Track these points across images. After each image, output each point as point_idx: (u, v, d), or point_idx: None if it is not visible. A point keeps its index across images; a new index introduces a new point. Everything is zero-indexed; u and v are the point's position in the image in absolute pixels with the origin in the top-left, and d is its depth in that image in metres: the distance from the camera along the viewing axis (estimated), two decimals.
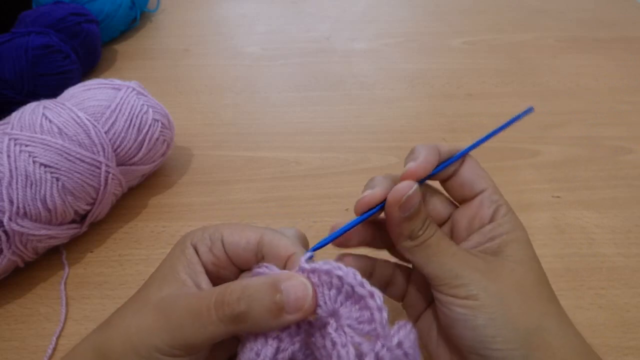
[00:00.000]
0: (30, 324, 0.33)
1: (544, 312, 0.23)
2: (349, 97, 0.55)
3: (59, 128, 0.35)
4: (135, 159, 0.39)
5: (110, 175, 0.37)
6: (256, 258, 0.25)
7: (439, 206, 0.29)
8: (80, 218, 0.37)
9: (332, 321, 0.21)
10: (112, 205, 0.40)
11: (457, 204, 0.29)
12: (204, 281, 0.24)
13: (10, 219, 0.31)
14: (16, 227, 0.32)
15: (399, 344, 0.20)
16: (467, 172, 0.28)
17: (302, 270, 0.22)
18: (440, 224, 0.29)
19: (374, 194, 0.25)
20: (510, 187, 0.43)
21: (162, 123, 0.40)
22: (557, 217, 0.40)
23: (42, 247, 0.35)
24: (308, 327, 0.22)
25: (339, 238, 0.26)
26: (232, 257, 0.25)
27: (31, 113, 0.35)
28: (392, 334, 0.20)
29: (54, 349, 0.31)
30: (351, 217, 0.26)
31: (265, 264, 0.24)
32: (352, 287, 0.21)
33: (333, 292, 0.21)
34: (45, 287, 0.35)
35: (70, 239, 0.37)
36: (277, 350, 0.21)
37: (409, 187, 0.24)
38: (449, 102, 0.54)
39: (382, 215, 0.26)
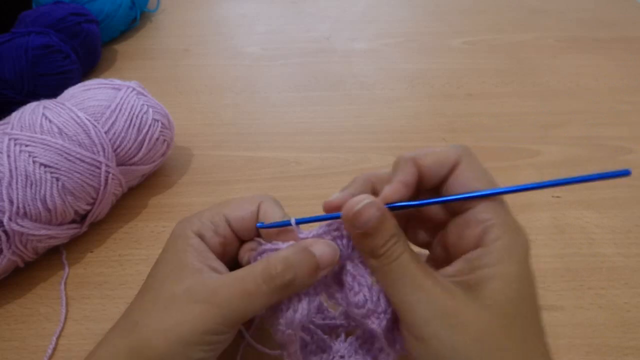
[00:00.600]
0: (30, 324, 0.33)
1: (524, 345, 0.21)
2: (349, 97, 0.55)
3: (59, 128, 0.35)
4: (135, 159, 0.39)
5: (110, 175, 0.37)
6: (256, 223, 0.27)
7: (438, 210, 0.26)
8: (80, 218, 0.37)
9: (348, 262, 0.24)
10: (112, 205, 0.40)
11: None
12: (219, 264, 0.25)
13: (10, 219, 0.31)
14: (16, 227, 0.32)
15: None
16: (459, 179, 0.24)
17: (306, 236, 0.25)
18: (439, 230, 0.26)
19: (337, 198, 0.24)
20: None
21: (162, 123, 0.40)
22: (557, 217, 0.40)
23: (42, 247, 0.35)
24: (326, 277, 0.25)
25: None
26: (239, 232, 0.27)
27: (31, 113, 0.35)
28: None
29: (54, 349, 0.31)
30: None
31: (263, 241, 0.26)
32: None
33: (344, 241, 0.24)
34: (45, 287, 0.35)
35: (70, 239, 0.37)
36: (309, 303, 0.24)
37: (357, 202, 0.22)
38: (449, 102, 0.54)
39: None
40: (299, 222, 0.25)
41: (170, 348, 0.22)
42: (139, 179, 0.42)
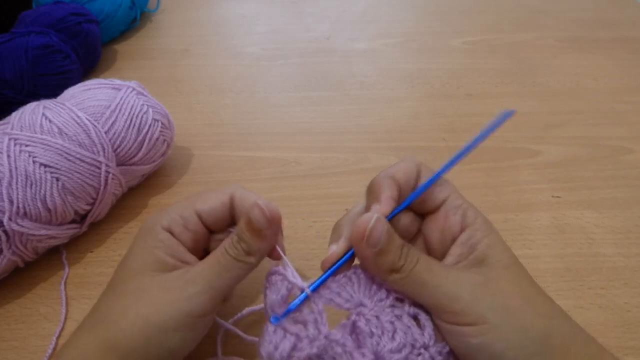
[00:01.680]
0: (30, 324, 0.33)
1: (552, 315, 0.22)
2: (349, 97, 0.55)
3: (59, 128, 0.35)
4: (135, 159, 0.39)
5: (110, 175, 0.37)
6: (230, 215, 0.28)
7: (405, 222, 0.27)
8: (80, 218, 0.37)
9: (362, 311, 0.24)
10: (112, 205, 0.40)
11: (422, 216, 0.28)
12: (190, 257, 0.26)
13: (10, 219, 0.31)
14: (16, 227, 0.32)
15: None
16: (424, 180, 0.27)
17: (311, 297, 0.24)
18: (412, 240, 0.28)
19: (339, 248, 0.25)
20: (510, 187, 0.43)
21: (162, 123, 0.40)
22: (557, 217, 0.40)
23: (42, 247, 0.35)
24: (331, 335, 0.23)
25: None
26: (210, 224, 0.27)
27: (31, 113, 0.35)
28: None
29: (54, 349, 0.31)
30: None
31: (280, 268, 0.25)
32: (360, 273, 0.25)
33: (354, 285, 0.25)
34: (45, 287, 0.35)
35: (70, 239, 0.37)
36: (294, 348, 0.23)
37: (367, 220, 0.23)
38: (449, 102, 0.54)
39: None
40: (314, 288, 0.24)
41: (146, 336, 0.22)
42: (139, 179, 0.42)
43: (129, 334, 0.22)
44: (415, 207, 0.27)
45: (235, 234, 0.25)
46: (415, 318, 0.24)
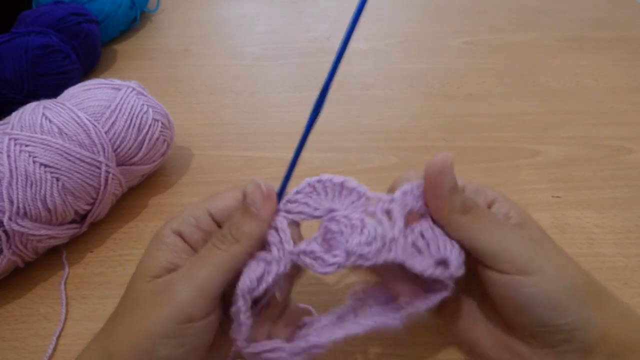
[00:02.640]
0: (30, 324, 0.33)
1: (583, 272, 0.24)
2: (349, 97, 0.55)
3: (59, 128, 0.35)
4: (135, 159, 0.39)
5: (110, 175, 0.37)
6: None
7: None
8: (80, 218, 0.37)
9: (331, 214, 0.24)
10: (112, 205, 0.40)
11: None
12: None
13: (10, 219, 0.31)
14: (16, 227, 0.32)
15: (392, 199, 0.24)
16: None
17: (284, 203, 0.25)
18: None
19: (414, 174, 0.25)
20: (510, 187, 0.43)
21: (162, 123, 0.40)
22: (557, 217, 0.40)
23: (42, 247, 0.35)
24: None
25: None
26: (224, 223, 0.25)
27: (31, 113, 0.35)
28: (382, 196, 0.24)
29: (54, 349, 0.31)
30: None
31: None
32: (325, 181, 0.24)
33: (320, 194, 0.24)
34: (45, 287, 0.35)
35: (70, 239, 0.37)
36: (264, 273, 0.23)
37: (444, 156, 0.23)
38: (449, 102, 0.54)
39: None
40: (280, 194, 0.25)
41: (139, 345, 0.21)
42: (139, 179, 0.42)
43: (125, 343, 0.22)
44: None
45: (226, 224, 0.24)
46: (388, 213, 0.24)
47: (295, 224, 0.25)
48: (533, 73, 0.59)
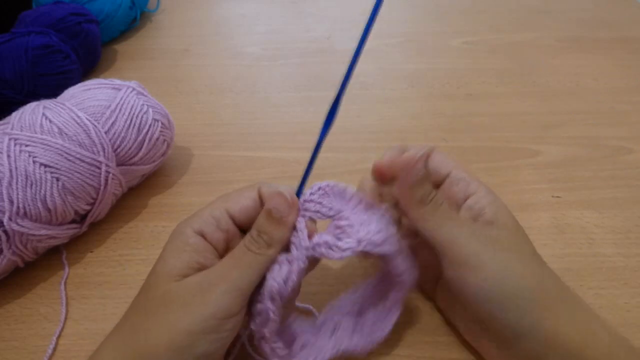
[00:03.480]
0: (30, 324, 0.33)
1: (542, 277, 0.25)
2: (349, 97, 0.55)
3: (59, 128, 0.35)
4: (135, 159, 0.39)
5: (110, 175, 0.37)
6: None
7: None
8: (80, 218, 0.37)
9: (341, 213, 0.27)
10: (112, 205, 0.40)
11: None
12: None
13: (10, 219, 0.31)
14: (16, 227, 0.32)
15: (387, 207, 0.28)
16: (434, 162, 0.30)
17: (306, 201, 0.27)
18: None
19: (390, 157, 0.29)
20: (510, 187, 0.43)
21: (162, 123, 0.40)
22: (557, 217, 0.40)
23: (42, 247, 0.35)
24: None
25: None
26: (243, 223, 0.27)
27: (31, 113, 0.35)
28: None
29: (54, 349, 0.31)
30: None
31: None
32: (333, 186, 0.28)
33: (330, 197, 0.28)
34: (45, 287, 0.35)
35: (70, 239, 0.37)
36: (290, 272, 0.25)
37: (417, 152, 0.27)
38: (449, 102, 0.54)
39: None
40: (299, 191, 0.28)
41: (174, 343, 0.22)
42: (139, 179, 0.42)
43: (158, 342, 0.22)
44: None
45: (255, 229, 0.25)
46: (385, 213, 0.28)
47: (312, 222, 0.27)
48: (533, 73, 0.59)
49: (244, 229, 0.27)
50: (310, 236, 0.26)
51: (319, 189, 0.28)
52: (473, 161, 0.46)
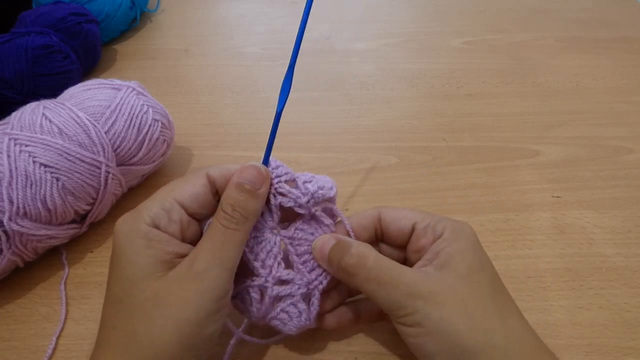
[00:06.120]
0: (30, 324, 0.33)
1: (489, 329, 0.24)
2: (348, 97, 0.55)
3: (59, 128, 0.35)
4: (135, 159, 0.39)
5: (110, 175, 0.37)
6: (213, 195, 0.27)
7: (392, 253, 0.30)
8: (80, 218, 0.37)
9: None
10: (112, 205, 0.40)
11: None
12: (185, 248, 0.25)
13: (10, 219, 0.31)
14: (16, 227, 0.32)
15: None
16: (388, 221, 0.29)
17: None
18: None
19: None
20: (510, 187, 0.43)
21: (162, 123, 0.40)
22: (557, 217, 0.40)
23: (42, 247, 0.35)
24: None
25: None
26: (194, 211, 0.26)
27: (31, 113, 0.35)
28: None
29: (54, 349, 0.31)
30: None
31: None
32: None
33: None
34: (45, 287, 0.35)
35: (70, 239, 0.37)
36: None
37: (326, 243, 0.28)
38: (449, 102, 0.54)
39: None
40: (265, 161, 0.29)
41: (181, 333, 0.22)
42: (139, 179, 0.42)
43: (167, 339, 0.22)
44: (394, 242, 0.29)
45: (226, 205, 0.25)
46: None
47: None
48: (533, 73, 0.59)
49: (196, 217, 0.27)
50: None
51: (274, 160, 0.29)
52: (473, 161, 0.46)
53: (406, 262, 0.29)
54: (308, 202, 0.28)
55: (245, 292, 0.28)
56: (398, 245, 0.29)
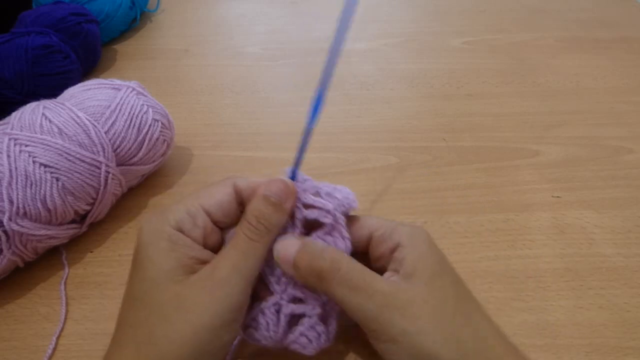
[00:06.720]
0: (30, 324, 0.33)
1: (462, 338, 0.24)
2: (348, 97, 0.55)
3: (59, 128, 0.35)
4: (135, 159, 0.39)
5: (110, 175, 0.37)
6: (237, 205, 0.27)
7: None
8: (80, 218, 0.37)
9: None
10: (112, 205, 0.40)
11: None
12: (207, 255, 0.26)
13: (10, 219, 0.31)
14: (16, 227, 0.32)
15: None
16: (350, 230, 0.28)
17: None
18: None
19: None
20: (510, 187, 0.43)
21: (162, 123, 0.40)
22: (557, 217, 0.40)
23: (42, 247, 0.35)
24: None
25: None
26: (219, 219, 0.27)
27: (31, 113, 0.35)
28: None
29: (54, 349, 0.31)
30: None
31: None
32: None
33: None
34: (45, 287, 0.35)
35: (70, 239, 0.37)
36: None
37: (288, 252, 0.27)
38: (449, 102, 0.54)
39: None
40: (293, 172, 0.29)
41: (198, 339, 0.22)
42: (139, 179, 0.42)
43: (184, 342, 0.22)
44: (355, 249, 0.28)
45: (251, 216, 0.25)
46: None
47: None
48: (533, 73, 0.59)
49: (219, 225, 0.27)
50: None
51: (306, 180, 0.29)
52: (473, 161, 0.46)
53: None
54: (335, 208, 0.27)
55: (260, 314, 0.27)
56: (359, 253, 0.28)
